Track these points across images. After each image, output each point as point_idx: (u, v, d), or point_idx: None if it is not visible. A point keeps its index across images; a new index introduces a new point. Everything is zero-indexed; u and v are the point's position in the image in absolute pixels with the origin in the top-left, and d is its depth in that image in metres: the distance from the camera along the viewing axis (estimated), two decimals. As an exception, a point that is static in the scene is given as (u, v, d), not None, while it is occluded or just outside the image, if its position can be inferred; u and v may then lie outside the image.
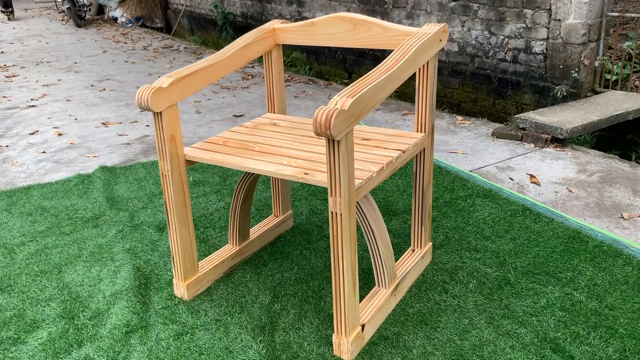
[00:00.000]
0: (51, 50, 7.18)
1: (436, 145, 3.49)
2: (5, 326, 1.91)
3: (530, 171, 3.04)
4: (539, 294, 1.98)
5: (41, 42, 7.81)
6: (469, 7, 4.77)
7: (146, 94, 1.72)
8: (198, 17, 8.61)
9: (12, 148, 3.68)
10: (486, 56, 4.72)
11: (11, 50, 7.25)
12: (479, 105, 4.86)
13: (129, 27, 9.10)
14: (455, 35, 4.94)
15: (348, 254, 1.60)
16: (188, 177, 3.06)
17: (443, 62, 5.09)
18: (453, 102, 5.07)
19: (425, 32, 1.85)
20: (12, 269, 2.24)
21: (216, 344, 1.79)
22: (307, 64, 6.61)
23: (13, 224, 2.61)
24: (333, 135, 1.42)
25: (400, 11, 5.46)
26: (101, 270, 2.22)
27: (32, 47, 7.44)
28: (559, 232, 2.38)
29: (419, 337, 1.79)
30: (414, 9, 5.31)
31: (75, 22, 9.07)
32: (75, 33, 8.61)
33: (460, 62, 4.94)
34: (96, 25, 9.31)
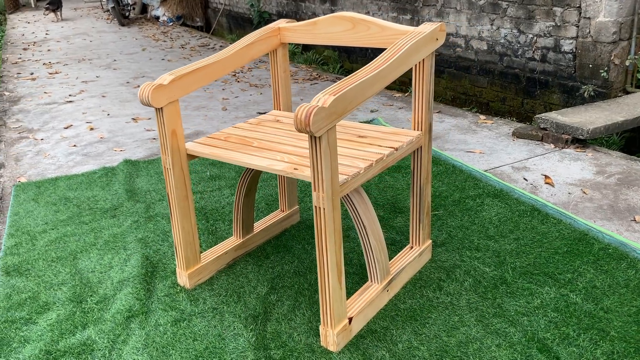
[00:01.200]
0: (94, 48, 7.47)
1: (454, 145, 3.48)
2: (20, 307, 2.04)
3: (547, 172, 3.00)
4: (534, 294, 1.97)
5: (85, 40, 8.13)
6: (498, 5, 4.71)
7: (147, 91, 1.81)
8: (236, 16, 8.78)
9: (47, 141, 3.88)
10: (515, 55, 4.65)
11: (57, 48, 7.58)
12: (508, 104, 4.79)
13: (169, 26, 9.35)
14: (484, 34, 4.89)
15: (332, 247, 1.64)
16: (205, 171, 3.16)
17: (472, 61, 5.04)
18: (482, 101, 5.02)
19: (421, 32, 1.87)
20: (31, 255, 2.38)
21: (210, 331, 1.86)
22: (339, 62, 6.65)
23: (38, 213, 2.77)
24: (312, 132, 1.46)
25: (430, 9, 5.43)
26: (113, 258, 2.33)
27: (77, 45, 7.76)
28: (565, 233, 2.35)
29: (407, 332, 1.81)
30: (444, 7, 5.27)
31: (119, 20, 9.38)
32: (118, 31, 8.91)
33: (489, 60, 4.88)
34: (139, 24, 9.61)
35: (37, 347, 1.82)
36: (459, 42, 5.18)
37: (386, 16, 5.98)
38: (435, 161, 3.18)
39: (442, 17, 5.29)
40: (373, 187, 2.88)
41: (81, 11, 11.91)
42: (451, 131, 3.74)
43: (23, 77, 5.90)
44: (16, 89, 5.41)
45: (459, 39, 5.18)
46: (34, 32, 9.32)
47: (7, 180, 3.23)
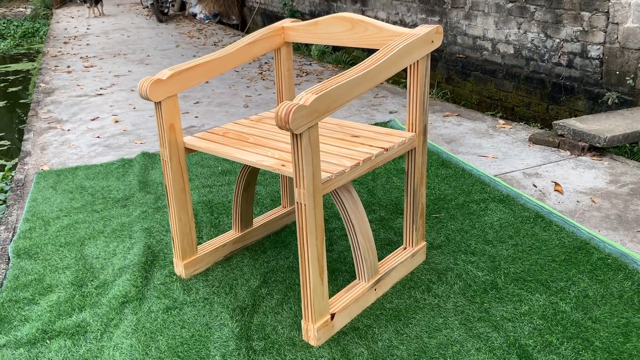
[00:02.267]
0: (130, 44, 7.68)
1: (468, 148, 3.45)
2: (25, 288, 2.14)
3: (558, 179, 2.95)
4: (523, 300, 1.95)
5: (123, 36, 8.36)
6: (525, 9, 4.64)
7: (146, 85, 1.88)
8: (270, 14, 8.88)
9: (73, 132, 4.03)
10: (541, 60, 4.57)
11: (96, 43, 7.83)
12: (532, 110, 4.72)
13: (205, 23, 9.53)
14: (511, 38, 4.82)
15: (314, 243, 1.67)
16: (217, 166, 3.23)
17: (498, 65, 4.98)
18: (507, 106, 4.95)
19: (415, 34, 1.88)
20: (42, 239, 2.49)
21: (199, 320, 1.92)
22: (368, 63, 6.66)
23: (54, 200, 2.89)
24: (292, 129, 1.50)
25: (458, 11, 5.38)
26: (117, 246, 2.42)
27: (114, 40, 7.99)
28: (565, 241, 2.32)
29: (388, 331, 1.83)
30: (472, 10, 5.22)
31: (157, 17, 9.62)
32: (155, 28, 9.13)
33: (516, 65, 4.81)
34: (176, 21, 9.82)
35: (35, 326, 1.91)
36: (485, 45, 5.13)
37: (415, 17, 5.96)
38: (446, 164, 3.16)
39: (470, 20, 5.25)
40: (379, 188, 2.90)
41: (123, 7, 12.24)
42: (467, 135, 3.72)
43: (60, 70, 6.12)
44: (52, 81, 5.63)
45: (485, 42, 5.12)
46: (76, 26, 9.64)
47: (31, 168, 3.38)
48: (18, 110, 5.61)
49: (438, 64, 5.70)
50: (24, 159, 3.53)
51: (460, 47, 5.43)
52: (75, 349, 1.81)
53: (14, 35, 10.89)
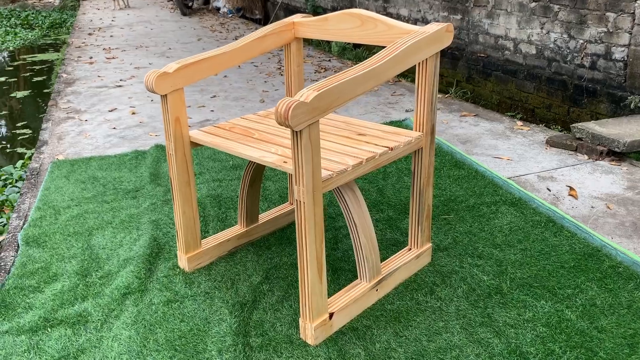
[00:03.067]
0: (153, 36, 7.74)
1: (483, 150, 3.40)
2: (31, 276, 2.17)
3: (573, 183, 2.88)
4: (528, 307, 1.91)
5: (147, 28, 8.43)
6: (549, 9, 4.54)
7: (152, 78, 1.88)
8: (293, 9, 8.86)
9: (90, 122, 4.07)
10: (564, 61, 4.47)
11: (119, 35, 7.91)
12: (553, 112, 4.62)
13: (229, 17, 9.56)
14: (533, 38, 4.73)
15: (312, 242, 1.66)
16: (229, 160, 3.24)
17: (519, 65, 4.89)
18: (527, 107, 4.86)
19: (424, 32, 1.84)
20: (52, 228, 2.52)
21: (198, 314, 1.92)
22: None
23: (67, 189, 2.92)
24: (291, 126, 1.48)
25: (480, 10, 5.30)
26: (125, 237, 2.43)
27: (138, 33, 8.06)
28: (576, 248, 2.26)
29: (387, 333, 1.80)
30: (495, 9, 5.13)
31: (181, 10, 9.68)
32: (179, 21, 9.19)
33: (537, 65, 4.72)
34: (200, 15, 9.87)
35: (38, 314, 1.93)
36: (507, 45, 5.04)
37: (437, 15, 5.89)
38: (459, 165, 3.12)
39: (492, 19, 5.16)
40: (389, 187, 2.86)
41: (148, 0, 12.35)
42: (483, 135, 3.66)
43: (82, 61, 6.20)
44: (74, 72, 5.70)
45: (507, 42, 5.03)
46: (101, 18, 9.76)
47: (47, 157, 3.42)
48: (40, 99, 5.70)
49: (459, 62, 5.62)
50: (41, 148, 3.58)
51: (481, 46, 5.35)
52: (75, 338, 1.82)
53: (42, 25, 11.07)
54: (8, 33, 10.23)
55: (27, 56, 8.29)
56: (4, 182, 3.49)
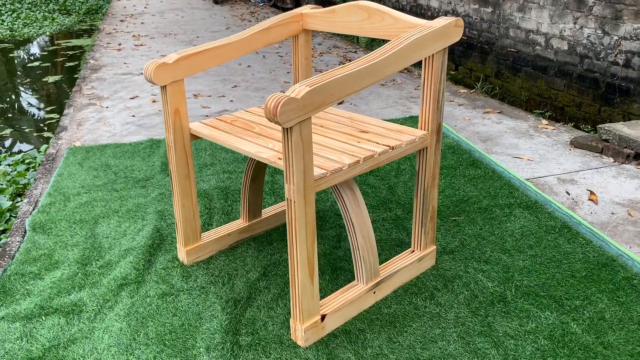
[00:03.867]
0: (183, 24, 7.77)
1: (504, 149, 3.28)
2: (34, 262, 2.18)
3: (594, 187, 2.75)
4: (531, 317, 1.82)
5: (177, 16, 8.47)
6: (583, 3, 4.35)
7: (151, 68, 1.85)
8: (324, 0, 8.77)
9: (110, 109, 4.10)
10: (597, 58, 4.29)
11: (150, 22, 7.97)
12: (584, 110, 4.45)
13: (260, 6, 9.53)
14: (566, 33, 4.54)
15: (303, 242, 1.61)
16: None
17: (550, 61, 4.71)
18: (557, 105, 4.69)
19: (430, 26, 1.76)
20: (59, 215, 2.53)
21: (192, 309, 1.90)
22: (417, 53, 6.47)
23: (79, 176, 2.94)
24: (280, 122, 1.43)
25: (512, 3, 5.12)
26: (129, 227, 2.43)
27: (168, 20, 8.11)
28: (590, 256, 2.15)
29: (380, 338, 1.75)
30: (527, 2, 4.95)
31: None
32: (210, 9, 9.21)
33: (569, 62, 4.54)
34: (231, 3, 9.87)
35: (34, 301, 1.94)
36: (538, 40, 4.87)
37: (467, 7, 5.73)
38: (476, 164, 3.02)
39: (524, 12, 4.99)
40: (400, 185, 2.79)
41: (183, -13, 12.42)
42: (505, 134, 3.54)
43: (111, 47, 6.26)
44: (101, 58, 5.76)
45: (539, 37, 4.86)
46: (134, 5, 9.85)
47: (65, 143, 3.46)
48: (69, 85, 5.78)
49: (488, 57, 5.46)
50: (60, 134, 3.62)
51: (512, 40, 5.18)
52: (68, 327, 1.82)
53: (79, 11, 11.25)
54: (46, 18, 10.43)
55: (62, 41, 8.44)
56: (27, 165, 3.55)
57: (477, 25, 5.60)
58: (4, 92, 5.75)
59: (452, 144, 3.30)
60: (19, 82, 6.15)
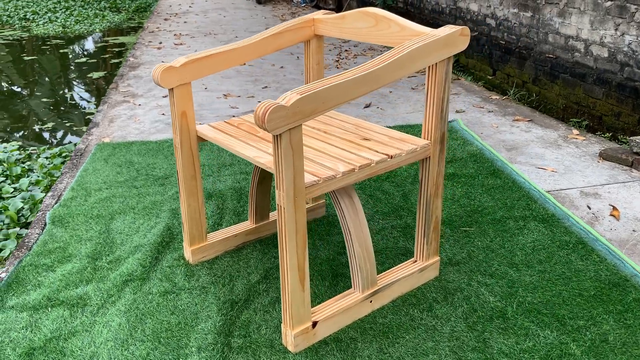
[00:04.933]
0: (224, 24, 7.90)
1: (529, 159, 3.20)
2: (49, 254, 2.27)
3: (618, 202, 2.65)
4: (530, 335, 1.77)
5: (220, 15, 8.61)
6: (625, 9, 4.19)
7: (158, 71, 1.90)
8: (365, 0, 8.74)
9: (142, 107, 4.21)
10: (637, 66, 4.11)
11: (193, 21, 8.13)
12: (622, 121, 4.27)
13: (302, 7, 9.58)
14: (606, 39, 4.38)
15: (293, 249, 1.61)
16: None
17: (589, 68, 4.55)
18: (594, 114, 4.53)
19: (434, 35, 1.74)
20: (79, 209, 2.62)
21: (190, 308, 1.93)
22: (455, 56, 6.36)
23: (102, 172, 3.04)
24: (268, 130, 1.44)
25: (552, 8, 4.97)
26: (143, 223, 2.50)
27: (210, 19, 8.25)
28: (602, 275, 2.08)
29: (371, 348, 1.74)
30: (567, 7, 4.80)
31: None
32: (252, 9, 9.32)
33: (608, 69, 4.37)
34: (274, 3, 9.96)
35: (43, 293, 2.02)
36: (578, 46, 4.71)
37: (506, 12, 5.60)
38: (496, 174, 2.95)
39: (564, 18, 4.84)
40: (415, 192, 2.76)
41: (230, -13, 12.61)
42: (532, 143, 3.44)
43: (152, 46, 6.43)
44: (141, 56, 5.92)
45: (578, 43, 4.70)
46: (180, 4, 10.07)
47: (94, 139, 3.57)
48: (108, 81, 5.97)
49: (526, 62, 5.32)
50: (91, 130, 3.75)
51: (551, 46, 5.03)
52: (71, 320, 1.88)
53: (128, 9, 11.58)
54: (97, 15, 10.78)
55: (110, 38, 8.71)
56: (63, 159, 3.69)
57: (515, 30, 5.47)
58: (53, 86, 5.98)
59: (475, 152, 3.24)
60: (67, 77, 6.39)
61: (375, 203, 2.65)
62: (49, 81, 6.27)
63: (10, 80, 6.39)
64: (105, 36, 8.83)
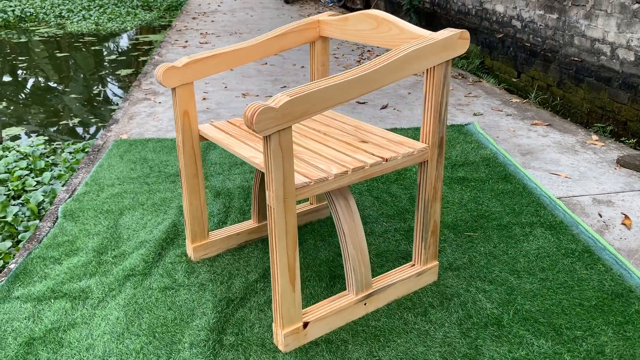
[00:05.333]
0: (250, 23, 7.96)
1: (542, 164, 3.14)
2: (57, 248, 2.33)
3: (631, 211, 2.58)
4: (523, 344, 1.75)
5: (247, 15, 8.69)
6: (653, 12, 4.07)
7: (160, 71, 1.93)
8: (393, 1, 8.70)
9: (162, 105, 4.28)
10: (664, 71, 3.99)
11: (220, 20, 8.22)
12: (648, 126, 4.15)
13: (329, 7, 9.59)
14: (633, 43, 4.26)
15: (283, 249, 1.63)
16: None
17: (615, 72, 4.44)
18: (619, 119, 4.41)
19: (431, 38, 1.73)
20: (90, 204, 2.69)
21: (187, 305, 1.96)
22: (480, 58, 6.28)
23: (117, 168, 3.10)
24: (256, 131, 1.45)
25: (578, 10, 4.87)
26: (150, 220, 2.54)
27: (237, 19, 8.33)
28: (606, 284, 2.03)
29: (361, 351, 1.74)
30: (593, 9, 4.69)
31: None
32: (280, 9, 9.37)
33: (635, 74, 4.26)
34: (301, 3, 9.99)
35: (47, 285, 2.07)
36: (604, 49, 4.60)
37: (532, 13, 5.50)
38: (508, 178, 2.91)
39: (590, 20, 4.73)
40: (423, 195, 2.74)
41: (260, -14, 12.70)
42: (548, 148, 3.38)
43: (177, 44, 6.53)
44: (166, 55, 6.02)
45: (604, 46, 4.59)
46: (209, 3, 10.19)
47: (113, 135, 3.65)
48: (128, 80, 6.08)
49: (551, 65, 5.22)
50: (110, 126, 3.83)
51: (576, 49, 4.93)
52: (72, 312, 1.94)
53: (160, 8, 11.77)
54: (129, 14, 10.99)
55: (141, 36, 8.88)
56: (86, 154, 3.78)
57: (541, 32, 5.37)
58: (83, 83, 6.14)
59: (489, 155, 3.20)
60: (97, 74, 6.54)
61: (381, 205, 2.64)
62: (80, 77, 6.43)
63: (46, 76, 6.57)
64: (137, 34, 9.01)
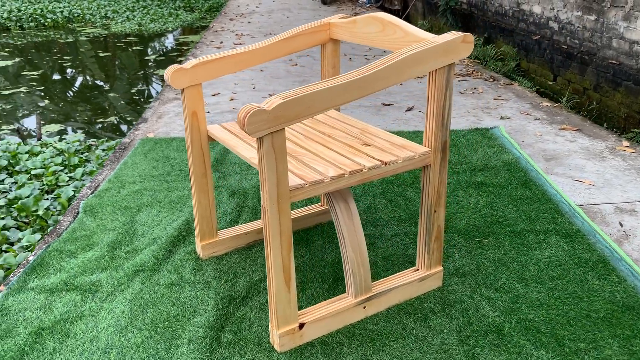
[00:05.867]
0: (286, 24, 8.03)
1: (566, 170, 3.05)
2: (74, 242, 2.42)
3: (655, 221, 2.49)
4: (522, 354, 1.71)
5: (283, 16, 8.75)
6: (694, 13, 3.89)
7: (170, 72, 1.98)
8: (430, 1, 8.61)
9: (190, 104, 4.37)
10: None
11: (256, 21, 8.32)
12: (686, 132, 3.98)
13: (366, 7, 9.56)
14: (673, 46, 4.09)
15: (277, 250, 1.64)
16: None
17: (654, 76, 4.27)
18: (657, 125, 4.24)
19: (433, 41, 1.71)
20: (110, 200, 2.77)
21: (190, 302, 2.00)
22: (516, 60, 6.15)
23: (139, 166, 3.19)
24: (248, 132, 1.47)
25: (617, 11, 4.70)
26: (166, 217, 2.60)
27: (273, 20, 8.41)
28: (618, 296, 1.96)
29: (356, 354, 1.73)
30: (633, 10, 4.52)
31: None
32: (317, 9, 9.40)
33: (674, 78, 4.08)
34: (339, 4, 10.00)
35: (61, 277, 2.15)
36: (642, 52, 4.43)
37: (570, 15, 5.35)
38: (528, 184, 2.84)
39: (629, 22, 4.56)
40: (438, 199, 2.70)
41: (299, -13, 12.78)
42: (575, 154, 3.28)
43: (212, 45, 6.64)
44: (200, 55, 6.13)
45: (643, 49, 4.42)
46: (248, 4, 10.32)
47: (140, 134, 3.75)
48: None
49: (587, 69, 5.06)
50: (138, 125, 3.93)
51: (614, 51, 4.76)
52: (81, 304, 2.00)
53: (201, 8, 12.00)
54: (171, 14, 11.24)
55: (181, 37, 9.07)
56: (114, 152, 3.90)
57: (578, 34, 5.22)
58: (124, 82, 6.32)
59: (511, 160, 3.13)
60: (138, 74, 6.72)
61: (394, 208, 2.62)
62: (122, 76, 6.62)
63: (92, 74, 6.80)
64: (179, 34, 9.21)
